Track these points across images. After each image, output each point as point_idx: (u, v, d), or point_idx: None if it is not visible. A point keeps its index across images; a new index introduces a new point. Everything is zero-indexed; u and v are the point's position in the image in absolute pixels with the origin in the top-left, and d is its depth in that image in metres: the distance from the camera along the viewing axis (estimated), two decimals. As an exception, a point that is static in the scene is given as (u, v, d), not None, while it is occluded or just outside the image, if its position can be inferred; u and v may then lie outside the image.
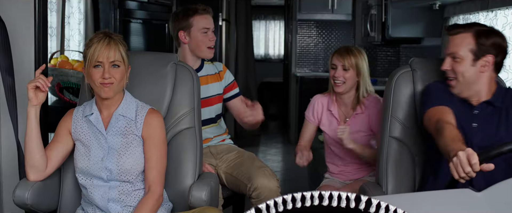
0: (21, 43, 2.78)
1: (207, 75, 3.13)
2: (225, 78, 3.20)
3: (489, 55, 2.29)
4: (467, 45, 2.29)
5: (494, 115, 2.32)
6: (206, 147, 3.09)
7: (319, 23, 7.43)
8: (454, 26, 2.39)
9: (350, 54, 2.94)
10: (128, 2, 4.10)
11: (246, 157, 3.10)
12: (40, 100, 2.30)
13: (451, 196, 1.68)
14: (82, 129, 2.40)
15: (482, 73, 2.31)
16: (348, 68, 2.92)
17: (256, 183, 2.87)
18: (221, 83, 3.18)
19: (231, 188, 3.08)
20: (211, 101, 3.12)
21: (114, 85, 2.29)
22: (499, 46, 2.30)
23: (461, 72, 2.30)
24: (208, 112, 3.09)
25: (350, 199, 0.92)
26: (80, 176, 2.39)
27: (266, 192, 2.86)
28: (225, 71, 3.23)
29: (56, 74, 3.32)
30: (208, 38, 3.06)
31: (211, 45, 3.08)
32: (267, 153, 6.95)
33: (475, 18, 3.90)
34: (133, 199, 2.37)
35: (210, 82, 3.13)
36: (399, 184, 2.54)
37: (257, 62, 9.75)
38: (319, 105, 3.09)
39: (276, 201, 0.91)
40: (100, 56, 2.26)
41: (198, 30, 3.04)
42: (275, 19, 11.23)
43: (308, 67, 7.50)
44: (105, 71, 2.27)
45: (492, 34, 2.31)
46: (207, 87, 3.08)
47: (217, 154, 3.12)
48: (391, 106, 2.59)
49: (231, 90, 3.22)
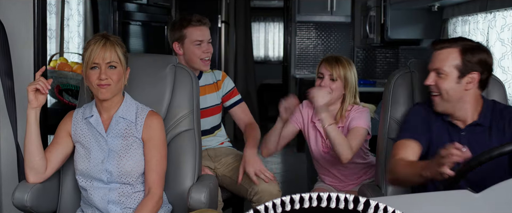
0: (20, 45, 2.78)
1: (205, 85, 3.08)
2: (223, 86, 3.14)
3: (475, 72, 2.23)
4: (453, 61, 2.23)
5: (482, 134, 2.28)
6: (204, 150, 3.07)
7: (318, 25, 7.43)
8: (440, 41, 2.33)
9: (339, 64, 2.78)
10: (127, 4, 4.10)
11: None
12: (40, 102, 2.30)
13: (450, 197, 1.68)
14: (82, 131, 2.40)
15: (466, 91, 2.25)
16: (336, 79, 2.76)
17: (257, 187, 2.85)
18: (219, 92, 3.13)
19: (231, 190, 3.07)
20: (208, 112, 3.08)
21: (111, 86, 2.29)
22: (485, 63, 2.24)
23: (445, 89, 2.25)
24: (204, 123, 3.00)
25: (348, 201, 0.92)
26: (80, 178, 2.39)
27: (267, 196, 2.84)
28: (224, 78, 3.16)
29: (55, 76, 3.32)
30: (202, 50, 2.99)
31: (204, 57, 3.00)
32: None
33: (474, 19, 3.90)
34: (133, 201, 2.38)
35: (208, 93, 3.09)
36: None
37: (257, 64, 9.74)
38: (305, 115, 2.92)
39: (274, 202, 0.91)
40: (96, 58, 2.27)
41: (190, 42, 2.99)
42: (274, 21, 11.23)
43: (307, 69, 7.50)
44: (102, 72, 2.27)
45: (479, 51, 2.24)
46: (205, 98, 3.04)
47: (216, 157, 3.11)
48: (390, 107, 2.59)
49: (231, 98, 3.16)
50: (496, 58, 3.59)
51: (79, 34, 4.02)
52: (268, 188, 2.86)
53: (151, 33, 4.57)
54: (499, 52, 3.54)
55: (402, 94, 2.59)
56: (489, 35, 3.66)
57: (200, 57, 3.00)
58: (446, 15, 4.41)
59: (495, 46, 3.59)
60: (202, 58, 3.01)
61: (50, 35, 3.63)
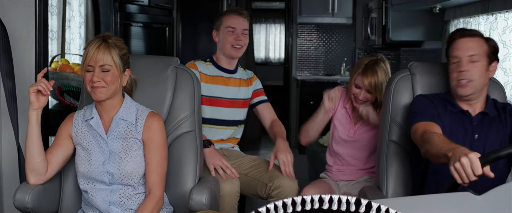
0: (21, 46, 2.79)
1: (241, 78, 3.19)
2: (255, 84, 3.26)
3: (495, 61, 2.32)
4: (484, 48, 2.30)
5: (490, 125, 2.34)
6: (218, 148, 3.09)
7: (319, 27, 7.44)
8: (466, 30, 2.37)
9: (375, 75, 2.85)
10: (128, 5, 4.10)
11: (262, 160, 3.13)
12: (41, 104, 2.30)
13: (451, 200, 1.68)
14: (82, 133, 2.40)
15: (488, 79, 2.34)
16: (372, 91, 2.87)
17: (278, 182, 2.90)
18: (250, 87, 3.23)
19: (242, 189, 3.07)
20: (237, 104, 3.16)
21: (105, 88, 2.29)
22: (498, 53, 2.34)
23: (478, 74, 2.29)
24: (231, 114, 3.12)
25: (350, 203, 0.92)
26: (81, 180, 2.39)
27: (287, 191, 2.89)
28: (256, 79, 3.29)
29: (56, 77, 3.32)
30: (234, 37, 3.09)
31: (235, 44, 3.09)
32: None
33: (475, 21, 3.90)
34: (134, 202, 2.38)
35: (242, 86, 3.19)
36: (399, 187, 2.54)
37: (258, 66, 9.75)
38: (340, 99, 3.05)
39: (276, 204, 0.91)
40: (91, 60, 2.28)
41: (224, 29, 3.11)
42: (275, 22, 11.25)
43: (308, 70, 7.50)
44: (95, 74, 2.27)
45: (493, 41, 2.34)
46: (239, 90, 3.15)
47: (229, 156, 3.12)
48: (391, 110, 2.59)
49: (259, 96, 3.26)
50: (497, 60, 3.59)
51: (80, 36, 4.02)
52: (289, 184, 2.90)
53: (152, 35, 4.57)
54: (501, 54, 3.52)
55: (402, 96, 2.59)
56: (491, 37, 3.66)
57: (232, 44, 3.09)
58: (447, 17, 4.41)
59: (496, 48, 3.59)
60: (233, 45, 3.10)
61: (51, 36, 3.63)
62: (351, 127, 3.00)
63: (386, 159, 2.56)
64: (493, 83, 2.57)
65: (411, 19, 4.94)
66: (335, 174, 3.06)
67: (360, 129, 2.99)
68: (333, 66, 7.36)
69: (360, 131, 2.98)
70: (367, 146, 2.98)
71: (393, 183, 2.54)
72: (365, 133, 2.98)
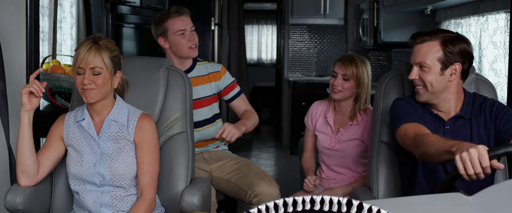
0: (12, 47, 2.77)
1: (197, 76, 3.12)
2: (224, 79, 3.19)
3: (457, 63, 2.25)
4: (435, 54, 2.25)
5: (464, 127, 2.30)
6: (198, 153, 3.08)
7: (311, 28, 7.45)
8: (420, 34, 2.33)
9: (353, 63, 2.90)
10: (120, 6, 4.09)
11: (244, 164, 3.08)
12: (33, 105, 2.29)
13: (443, 200, 1.69)
14: (74, 134, 2.39)
15: (450, 82, 2.27)
16: (349, 78, 2.88)
17: (257, 190, 2.86)
18: (218, 83, 3.17)
19: (228, 194, 3.06)
20: (202, 103, 3.11)
21: (96, 90, 2.29)
22: (466, 53, 2.26)
23: (429, 81, 2.27)
24: (201, 114, 3.08)
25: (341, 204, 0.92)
26: (72, 181, 2.38)
27: (267, 199, 2.85)
28: (224, 73, 3.21)
29: (48, 78, 3.31)
30: (186, 38, 3.05)
31: (191, 45, 3.06)
32: (260, 157, 6.95)
33: (466, 22, 3.92)
34: (126, 204, 2.37)
35: (200, 84, 3.12)
36: (389, 188, 2.54)
37: (250, 67, 9.76)
38: (317, 112, 3.07)
39: (267, 205, 0.91)
40: (81, 63, 2.27)
41: (173, 34, 3.05)
42: (267, 23, 11.26)
43: (300, 71, 7.51)
44: (85, 77, 2.27)
45: (459, 41, 2.26)
46: (196, 89, 3.07)
47: (210, 159, 3.11)
48: (381, 111, 2.59)
49: (232, 91, 3.21)
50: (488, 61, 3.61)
51: (72, 37, 4.01)
52: (269, 191, 2.87)
53: (144, 36, 4.56)
54: (492, 55, 3.55)
55: (393, 97, 2.58)
56: (482, 38, 3.68)
57: (188, 46, 3.06)
58: (439, 18, 4.43)
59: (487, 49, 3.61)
60: (189, 46, 3.07)
61: (42, 37, 3.62)
62: (333, 136, 2.99)
63: (376, 160, 2.56)
64: (484, 83, 2.57)
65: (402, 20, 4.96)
66: (326, 182, 3.04)
67: (341, 138, 2.97)
68: (325, 67, 7.37)
69: (343, 139, 2.96)
70: (353, 154, 2.96)
71: (384, 184, 2.54)
72: (347, 141, 2.96)
